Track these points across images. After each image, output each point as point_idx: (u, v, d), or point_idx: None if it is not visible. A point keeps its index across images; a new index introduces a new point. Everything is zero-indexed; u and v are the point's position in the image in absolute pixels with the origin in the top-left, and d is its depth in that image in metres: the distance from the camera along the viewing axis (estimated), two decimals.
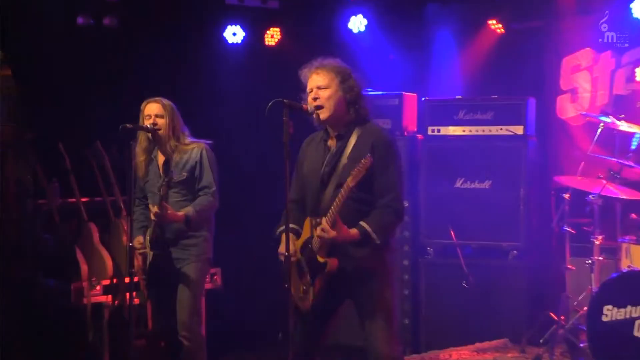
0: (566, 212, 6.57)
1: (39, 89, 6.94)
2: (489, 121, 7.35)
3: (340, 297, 4.70)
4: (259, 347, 7.17)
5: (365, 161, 4.32)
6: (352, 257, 4.53)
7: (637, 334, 5.65)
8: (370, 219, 4.47)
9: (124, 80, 7.10)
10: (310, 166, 4.74)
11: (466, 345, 6.91)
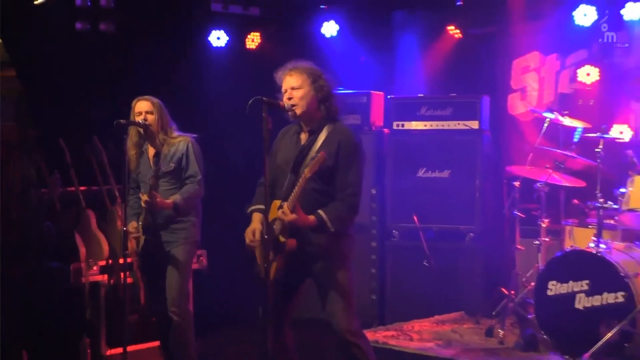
0: (516, 198, 6.61)
1: (41, 89, 6.92)
2: (448, 117, 7.40)
3: (301, 275, 4.74)
4: (241, 321, 7.18)
5: (320, 156, 4.40)
6: (310, 242, 4.58)
7: (577, 306, 5.69)
8: (328, 209, 4.51)
9: (118, 80, 7.08)
10: (283, 156, 4.78)
11: (427, 318, 6.97)
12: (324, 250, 4.59)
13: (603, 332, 5.46)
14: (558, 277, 5.82)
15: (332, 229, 4.49)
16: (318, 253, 4.60)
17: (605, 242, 5.84)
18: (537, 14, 7.63)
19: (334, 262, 4.61)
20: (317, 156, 4.40)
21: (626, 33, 7.19)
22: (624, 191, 5.93)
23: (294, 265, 4.62)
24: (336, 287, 4.60)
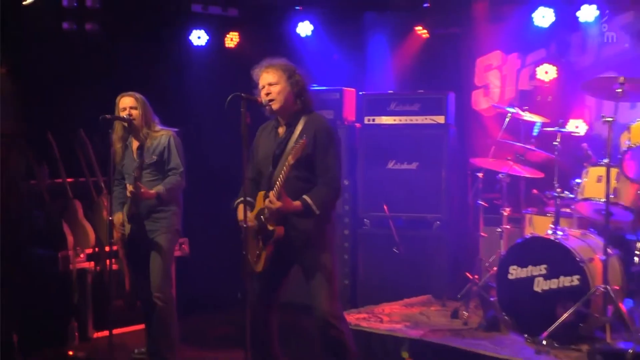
0: (480, 188, 6.66)
1: (29, 86, 6.90)
2: (416, 112, 7.42)
3: (288, 262, 4.79)
4: (221, 306, 7.19)
5: (302, 142, 4.42)
6: (296, 228, 4.62)
7: (536, 289, 5.73)
8: (311, 193, 4.56)
9: (104, 77, 7.06)
10: (264, 150, 4.82)
11: (397, 301, 6.98)
12: (310, 236, 4.63)
13: (559, 313, 5.51)
14: (518, 262, 5.86)
15: (318, 212, 4.54)
16: (304, 239, 4.64)
17: (562, 229, 5.90)
18: (499, 15, 7.68)
19: (320, 247, 4.66)
20: (299, 142, 4.43)
21: (582, 34, 7.28)
22: (579, 182, 5.97)
23: (282, 252, 4.67)
24: (321, 271, 4.64)
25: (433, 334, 5.91)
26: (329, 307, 4.64)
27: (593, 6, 7.02)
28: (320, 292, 4.64)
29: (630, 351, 5.12)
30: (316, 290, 4.65)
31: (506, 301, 5.94)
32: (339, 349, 4.70)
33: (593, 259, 5.65)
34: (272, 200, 4.48)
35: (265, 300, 4.85)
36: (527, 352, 5.47)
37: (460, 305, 6.46)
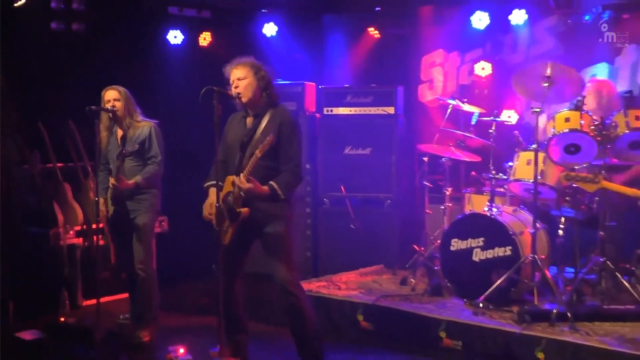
0: (425, 171, 6.70)
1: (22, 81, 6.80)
2: (369, 103, 7.42)
3: (251, 237, 4.82)
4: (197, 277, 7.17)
5: (270, 139, 4.45)
6: (259, 209, 4.65)
7: (474, 259, 5.80)
8: (277, 180, 4.59)
9: (89, 72, 6.96)
10: (233, 137, 4.82)
11: (352, 271, 6.99)
12: (271, 216, 4.65)
13: (494, 279, 5.57)
14: (459, 236, 5.91)
15: (283, 196, 4.57)
16: (266, 218, 4.66)
17: (497, 207, 5.96)
18: (441, 18, 7.70)
19: (279, 224, 4.68)
20: (267, 140, 4.45)
21: (514, 36, 7.33)
22: (511, 165, 6.02)
23: (246, 230, 4.68)
24: (281, 245, 4.68)
25: (384, 299, 5.94)
26: (287, 277, 4.67)
27: (522, 10, 7.08)
28: (280, 264, 4.67)
29: (555, 311, 5.20)
30: (276, 262, 4.69)
31: (448, 270, 6.00)
32: (297, 313, 4.73)
33: (523, 232, 5.72)
34: (242, 181, 4.49)
35: (230, 270, 4.87)
36: (466, 313, 5.52)
37: (408, 274, 6.50)
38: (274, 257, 4.68)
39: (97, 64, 7.12)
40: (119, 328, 5.93)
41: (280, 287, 4.67)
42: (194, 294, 7.04)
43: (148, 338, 5.58)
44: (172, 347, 5.10)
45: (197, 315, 6.34)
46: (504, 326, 5.21)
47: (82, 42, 7.29)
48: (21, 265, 6.32)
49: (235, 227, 4.65)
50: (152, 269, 5.63)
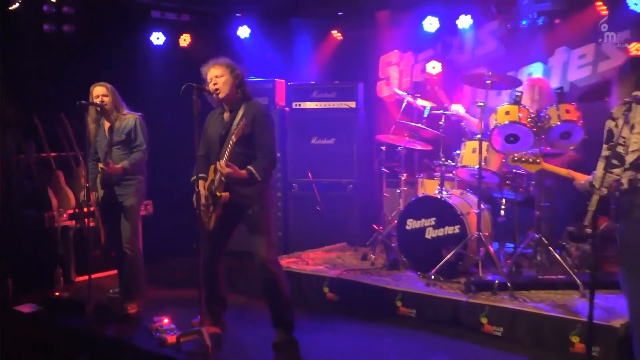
0: (383, 159, 6.72)
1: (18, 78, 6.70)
2: (333, 98, 7.42)
3: (234, 220, 4.80)
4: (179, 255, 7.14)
5: (242, 123, 4.47)
6: (240, 194, 4.63)
7: (427, 237, 5.85)
8: (254, 164, 4.59)
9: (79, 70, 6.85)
10: (212, 131, 4.80)
11: (319, 248, 7.03)
12: (252, 199, 4.64)
13: (444, 254, 5.63)
14: (413, 216, 5.94)
15: (259, 178, 4.56)
16: (247, 201, 4.65)
17: (446, 190, 6.01)
18: (397, 22, 7.70)
19: (260, 207, 4.67)
20: (241, 124, 4.46)
21: (461, 38, 7.38)
22: (459, 152, 6.06)
23: (229, 214, 4.67)
24: (261, 226, 4.67)
25: (347, 273, 5.98)
26: (266, 255, 4.66)
27: (468, 16, 7.09)
28: (260, 243, 4.66)
29: (496, 282, 5.28)
30: (256, 241, 4.67)
31: (404, 246, 6.04)
32: (274, 287, 4.72)
33: (470, 213, 5.78)
34: (222, 166, 4.48)
35: (215, 252, 4.88)
36: (419, 285, 5.58)
37: (368, 250, 6.54)
38: (255, 237, 4.67)
39: (86, 63, 7.02)
40: (108, 301, 5.90)
41: (259, 264, 4.65)
42: (176, 270, 7.02)
43: (135, 310, 5.55)
44: (157, 318, 5.10)
45: (179, 289, 6.32)
46: (452, 295, 5.27)
47: (72, 42, 7.20)
48: (19, 246, 6.27)
49: (219, 213, 4.64)
50: (138, 247, 5.59)
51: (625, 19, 6.32)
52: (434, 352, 4.79)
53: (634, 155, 3.89)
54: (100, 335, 5.21)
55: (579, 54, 6.72)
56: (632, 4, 6.18)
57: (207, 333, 4.65)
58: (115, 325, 5.36)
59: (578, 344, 4.57)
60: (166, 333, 4.88)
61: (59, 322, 5.46)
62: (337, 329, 5.21)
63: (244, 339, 4.98)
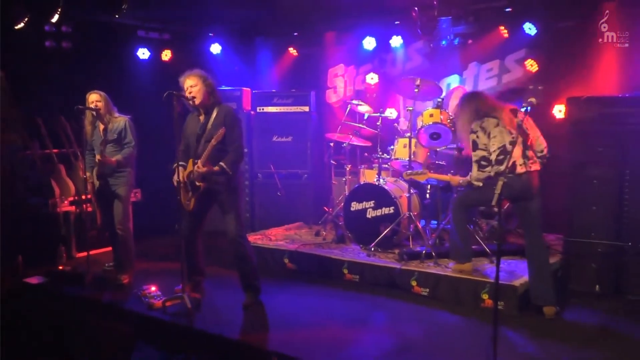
0: (332, 153, 6.71)
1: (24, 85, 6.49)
2: (290, 104, 7.39)
3: (209, 202, 4.76)
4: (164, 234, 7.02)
5: (222, 131, 4.44)
6: (215, 182, 4.59)
7: (368, 216, 5.88)
8: (225, 159, 4.56)
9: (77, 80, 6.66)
10: (190, 131, 4.75)
11: (280, 227, 7.01)
12: (224, 185, 4.61)
13: (382, 230, 5.68)
14: (357, 199, 5.97)
15: (230, 172, 4.53)
16: (220, 188, 4.61)
17: (383, 178, 6.05)
18: (342, 41, 7.68)
19: (230, 192, 4.64)
20: (220, 132, 4.44)
21: (393, 54, 7.41)
22: (392, 147, 6.12)
23: (205, 197, 4.64)
24: (232, 208, 4.63)
25: (304, 246, 5.99)
26: (237, 231, 4.64)
27: (399, 36, 7.13)
28: (231, 222, 4.64)
29: (424, 252, 5.36)
30: (228, 220, 4.65)
31: (349, 224, 6.06)
32: (243, 258, 4.71)
33: (402, 196, 5.82)
34: (199, 166, 4.49)
35: (194, 229, 4.83)
36: (362, 255, 5.62)
37: (320, 228, 6.56)
38: (227, 217, 4.64)
39: (82, 73, 6.84)
40: (104, 273, 5.78)
41: (231, 239, 4.63)
42: (161, 246, 6.91)
43: (127, 280, 5.46)
44: (145, 286, 5.03)
45: (164, 262, 6.22)
46: (389, 264, 5.33)
47: (70, 56, 6.99)
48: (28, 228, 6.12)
49: (197, 197, 4.61)
50: (129, 228, 5.50)
51: (522, 40, 6.47)
52: (374, 309, 4.84)
53: (495, 154, 4.35)
54: (97, 301, 5.10)
55: (487, 68, 6.83)
56: (527, 29, 6.32)
57: (189, 298, 4.61)
58: (111, 292, 5.27)
59: (487, 300, 4.68)
60: (153, 299, 4.82)
61: (63, 291, 5.33)
62: (296, 292, 5.21)
63: (219, 302, 4.94)
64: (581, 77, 5.97)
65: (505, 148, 4.33)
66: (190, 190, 4.63)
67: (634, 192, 4.86)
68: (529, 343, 4.04)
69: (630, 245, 4.85)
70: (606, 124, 4.93)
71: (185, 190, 4.64)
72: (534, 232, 4.54)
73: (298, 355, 3.82)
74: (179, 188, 4.62)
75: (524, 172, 4.37)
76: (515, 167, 4.36)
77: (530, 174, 4.40)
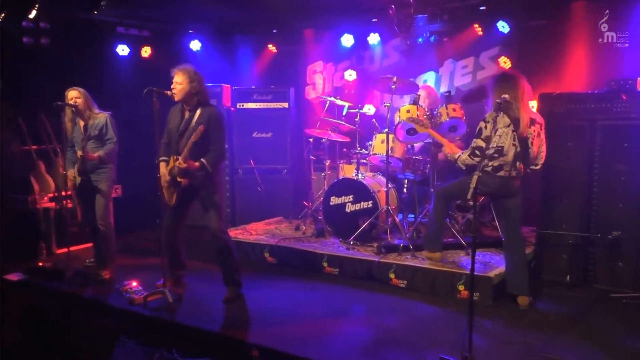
0: (311, 148, 6.72)
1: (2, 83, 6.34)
2: (270, 100, 7.39)
3: (190, 197, 4.73)
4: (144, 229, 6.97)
5: (201, 129, 4.41)
6: (197, 177, 4.56)
7: (347, 210, 5.87)
8: (207, 157, 4.53)
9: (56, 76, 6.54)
10: (173, 124, 4.72)
11: (260, 221, 7.00)
12: (205, 182, 4.58)
13: (361, 224, 5.69)
14: (336, 194, 5.96)
15: (210, 169, 4.51)
16: (201, 185, 4.59)
17: (361, 173, 6.04)
18: (320, 39, 7.69)
19: (211, 188, 4.62)
20: (199, 129, 4.40)
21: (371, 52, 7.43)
22: (370, 143, 6.11)
23: (187, 193, 4.61)
24: (213, 204, 4.61)
25: (283, 241, 5.98)
26: (218, 226, 4.62)
27: (377, 34, 7.17)
28: (212, 217, 4.62)
29: (401, 245, 5.40)
30: (210, 215, 4.63)
31: (329, 218, 6.06)
32: (224, 252, 4.70)
33: (380, 190, 5.83)
34: (180, 163, 4.45)
35: (176, 223, 4.81)
36: (341, 249, 5.64)
37: (300, 222, 6.56)
38: (208, 212, 4.62)
39: (61, 70, 6.72)
40: (85, 269, 5.70)
41: (212, 234, 4.62)
42: (142, 241, 6.85)
43: (108, 275, 5.40)
44: (127, 281, 4.97)
45: (145, 258, 6.16)
46: (367, 257, 5.34)
47: (49, 53, 6.85)
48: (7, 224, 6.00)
49: (179, 192, 4.59)
50: (110, 223, 5.43)
51: (496, 38, 6.53)
52: (353, 301, 4.85)
53: (491, 150, 4.34)
54: (79, 297, 5.03)
55: (462, 65, 6.89)
56: (501, 27, 6.38)
57: (170, 292, 4.58)
58: (92, 288, 5.20)
59: (463, 291, 4.73)
60: (135, 294, 4.77)
61: (43, 287, 5.25)
62: (276, 286, 5.21)
63: (201, 296, 4.91)
64: (553, 74, 6.06)
65: (503, 150, 4.35)
66: (172, 186, 4.60)
67: (602, 186, 4.95)
68: (503, 331, 4.10)
69: (598, 237, 4.94)
70: (576, 119, 5.01)
71: (167, 185, 4.61)
72: (512, 226, 4.60)
73: (279, 347, 3.82)
74: (161, 183, 4.58)
75: (504, 176, 4.41)
76: (500, 170, 4.39)
77: (511, 179, 4.44)
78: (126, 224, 6.29)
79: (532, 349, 3.82)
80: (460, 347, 3.48)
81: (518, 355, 3.75)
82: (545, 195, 5.18)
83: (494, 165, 4.37)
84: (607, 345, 3.89)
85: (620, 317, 4.38)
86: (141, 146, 6.19)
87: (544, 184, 5.18)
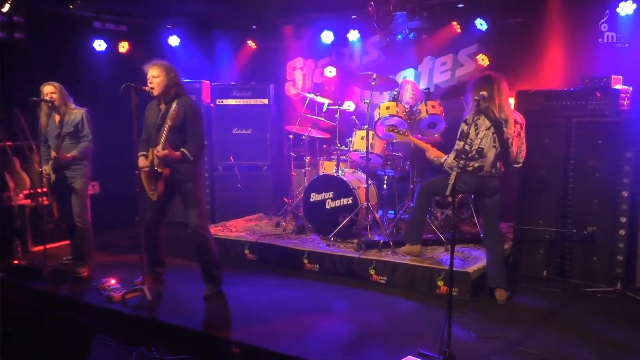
0: (291, 145, 6.69)
1: None
2: (250, 96, 7.33)
3: (171, 192, 4.67)
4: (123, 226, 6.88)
5: (174, 110, 4.38)
6: (177, 170, 4.53)
7: (327, 207, 5.86)
8: (186, 147, 4.48)
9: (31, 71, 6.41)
10: (151, 119, 4.68)
11: (240, 218, 6.96)
12: (187, 176, 4.54)
13: (341, 220, 5.70)
14: (316, 190, 5.95)
15: (191, 158, 4.45)
16: (183, 177, 4.54)
17: (341, 170, 6.03)
18: (300, 35, 7.67)
19: (192, 183, 4.58)
20: (174, 111, 4.37)
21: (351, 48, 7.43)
22: (350, 139, 6.13)
23: (168, 187, 4.55)
24: (193, 199, 4.58)
25: (264, 237, 5.96)
26: (198, 222, 4.59)
27: (356, 30, 7.18)
28: (193, 213, 4.59)
29: (381, 241, 5.42)
30: (190, 211, 4.60)
31: (309, 215, 6.05)
32: (204, 249, 4.67)
33: (360, 187, 5.83)
34: (158, 150, 4.39)
35: (157, 220, 4.76)
36: (321, 245, 5.63)
37: (280, 219, 6.53)
38: (189, 208, 4.58)
39: (37, 65, 6.59)
40: (62, 267, 5.62)
41: (193, 230, 4.59)
42: (120, 239, 6.77)
43: (86, 273, 5.33)
44: (105, 279, 4.90)
45: (123, 255, 6.09)
46: (347, 253, 5.35)
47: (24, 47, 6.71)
48: None
49: (161, 185, 4.53)
50: (87, 220, 5.36)
51: (474, 36, 6.58)
52: (334, 298, 4.86)
53: (473, 151, 4.38)
54: (56, 295, 4.95)
55: (441, 62, 6.92)
56: (479, 25, 6.43)
57: (149, 289, 4.53)
58: (69, 286, 5.13)
59: (442, 286, 4.77)
60: (113, 291, 4.71)
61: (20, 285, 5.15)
62: (257, 283, 5.19)
63: (181, 293, 4.87)
64: (530, 71, 6.12)
65: (483, 152, 4.40)
66: (152, 179, 4.54)
67: (577, 182, 5.02)
68: (482, 326, 4.14)
69: (574, 233, 5.01)
70: (552, 116, 5.07)
71: (148, 179, 4.55)
72: (491, 223, 4.66)
73: (259, 344, 3.81)
74: (140, 178, 4.53)
75: (483, 175, 4.46)
76: (480, 170, 4.44)
77: (490, 178, 4.48)
78: (104, 221, 6.21)
79: (509, 343, 3.87)
80: (439, 341, 3.50)
81: (496, 349, 3.79)
82: (523, 191, 5.24)
83: (474, 166, 4.42)
84: (582, 337, 3.96)
85: (595, 310, 4.46)
86: (119, 143, 6.12)
87: (522, 181, 5.24)
